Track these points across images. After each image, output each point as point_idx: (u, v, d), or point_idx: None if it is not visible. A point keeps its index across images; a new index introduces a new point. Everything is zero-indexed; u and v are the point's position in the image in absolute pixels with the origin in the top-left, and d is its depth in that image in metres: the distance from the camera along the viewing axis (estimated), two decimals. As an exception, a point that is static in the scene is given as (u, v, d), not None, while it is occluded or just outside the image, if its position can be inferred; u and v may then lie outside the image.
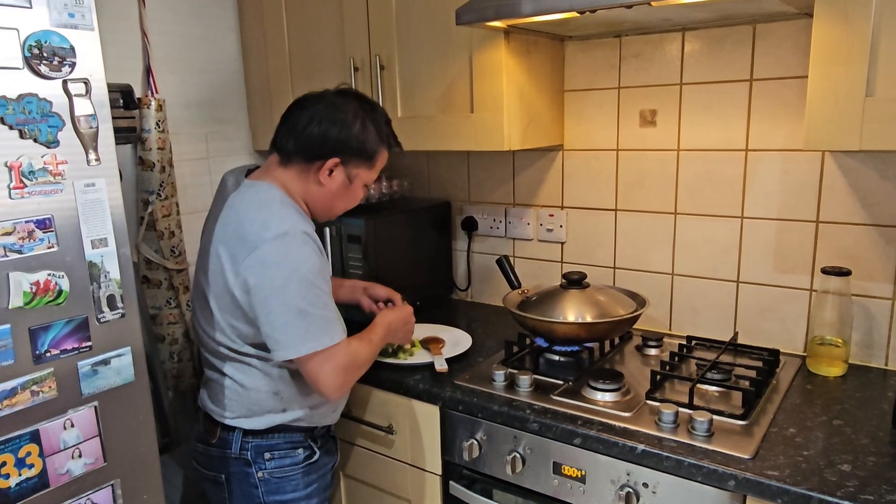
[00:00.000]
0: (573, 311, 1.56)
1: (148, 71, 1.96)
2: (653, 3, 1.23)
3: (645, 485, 1.22)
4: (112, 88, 1.81)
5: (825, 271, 1.46)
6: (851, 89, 1.17)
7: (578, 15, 1.34)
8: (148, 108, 1.90)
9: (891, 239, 1.46)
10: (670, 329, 1.80)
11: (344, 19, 1.86)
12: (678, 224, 1.74)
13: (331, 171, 1.32)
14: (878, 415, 1.29)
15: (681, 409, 1.29)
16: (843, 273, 1.45)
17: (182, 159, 2.08)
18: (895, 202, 1.45)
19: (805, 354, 1.56)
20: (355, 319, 1.57)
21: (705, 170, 1.67)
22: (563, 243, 1.95)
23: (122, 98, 1.86)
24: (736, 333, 1.66)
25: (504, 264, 1.75)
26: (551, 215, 1.95)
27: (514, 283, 1.75)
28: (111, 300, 1.07)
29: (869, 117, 1.16)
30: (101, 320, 1.06)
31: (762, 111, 1.57)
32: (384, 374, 1.58)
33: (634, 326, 1.74)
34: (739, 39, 1.57)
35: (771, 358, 1.51)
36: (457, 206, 2.15)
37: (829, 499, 1.03)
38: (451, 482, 1.50)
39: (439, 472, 1.53)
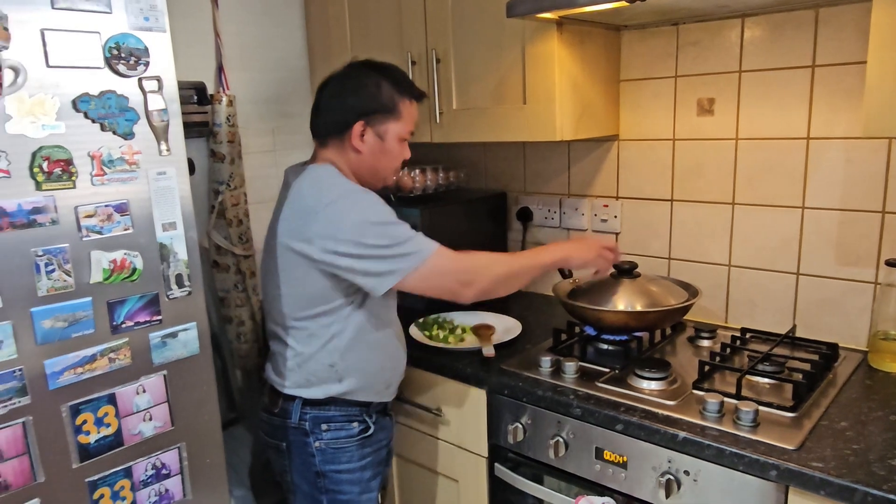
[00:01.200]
0: (623, 300, 1.56)
1: (220, 69, 2.08)
2: (702, -10, 1.22)
3: (686, 472, 1.22)
4: (186, 86, 1.96)
5: (890, 263, 1.41)
6: (913, 73, 1.13)
7: (628, 4, 1.35)
8: (219, 103, 2.02)
9: (963, 230, 1.39)
10: (726, 321, 1.77)
11: (402, 15, 1.92)
12: (736, 214, 1.70)
13: (362, 136, 1.39)
14: (940, 413, 1.24)
15: (727, 400, 1.28)
16: (908, 265, 1.39)
17: (250, 152, 2.20)
18: (968, 191, 1.37)
19: (867, 350, 1.50)
20: (416, 307, 1.62)
21: (765, 159, 1.63)
22: (617, 234, 1.95)
23: (196, 94, 2.00)
24: (794, 327, 1.61)
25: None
26: (606, 206, 1.94)
27: (565, 274, 1.76)
28: (179, 279, 1.17)
29: (931, 102, 1.12)
30: (170, 297, 1.17)
31: (824, 98, 1.52)
32: (434, 358, 1.64)
33: (689, 318, 1.73)
34: (801, 24, 1.52)
35: (828, 352, 1.47)
36: (512, 196, 2.18)
37: (874, 492, 1.01)
38: (496, 464, 1.54)
39: (485, 454, 1.57)
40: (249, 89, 2.19)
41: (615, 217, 1.93)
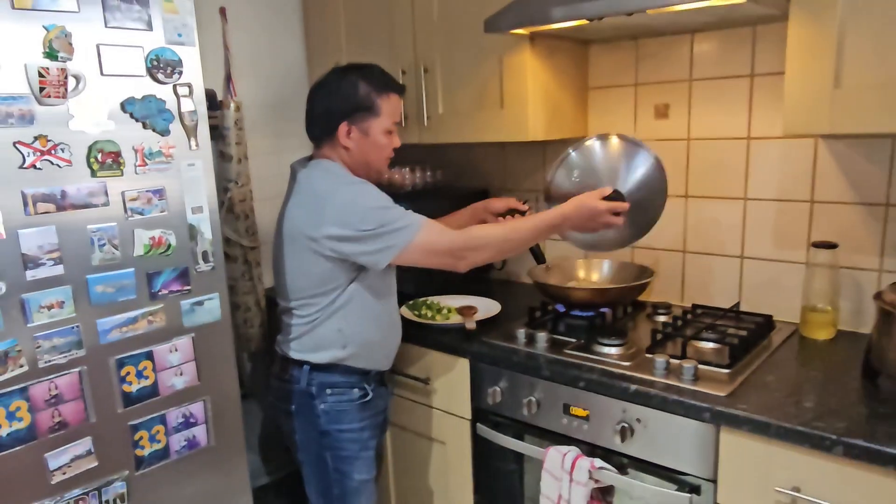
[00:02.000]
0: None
1: (228, 77, 2.29)
2: (648, 12, 1.45)
3: (638, 420, 1.44)
4: (200, 92, 2.16)
5: (815, 245, 1.64)
6: (821, 81, 1.36)
7: (588, 22, 1.57)
8: (228, 109, 2.23)
9: (877, 216, 1.62)
10: (682, 301, 1.99)
11: (393, 29, 2.14)
12: (689, 206, 1.93)
13: (348, 135, 1.56)
14: (853, 367, 1.45)
15: (672, 360, 1.50)
16: (830, 246, 1.61)
17: (256, 153, 2.40)
18: (880, 183, 1.60)
19: (800, 322, 1.72)
20: (406, 291, 1.81)
21: (713, 157, 1.86)
22: (587, 225, 2.16)
23: (208, 100, 2.20)
24: (738, 302, 1.84)
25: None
26: (577, 200, 2.16)
27: (540, 259, 1.98)
28: (205, 255, 1.38)
29: (836, 106, 1.34)
30: (198, 270, 1.37)
31: (762, 103, 1.75)
32: (423, 334, 1.85)
33: (649, 299, 1.94)
34: (741, 39, 1.76)
35: (764, 322, 1.69)
36: (493, 192, 2.39)
37: (785, 424, 1.22)
38: (478, 424, 1.75)
39: (469, 416, 1.78)
40: (255, 95, 2.40)
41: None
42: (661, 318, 1.84)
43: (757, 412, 1.27)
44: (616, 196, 1.59)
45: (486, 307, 1.98)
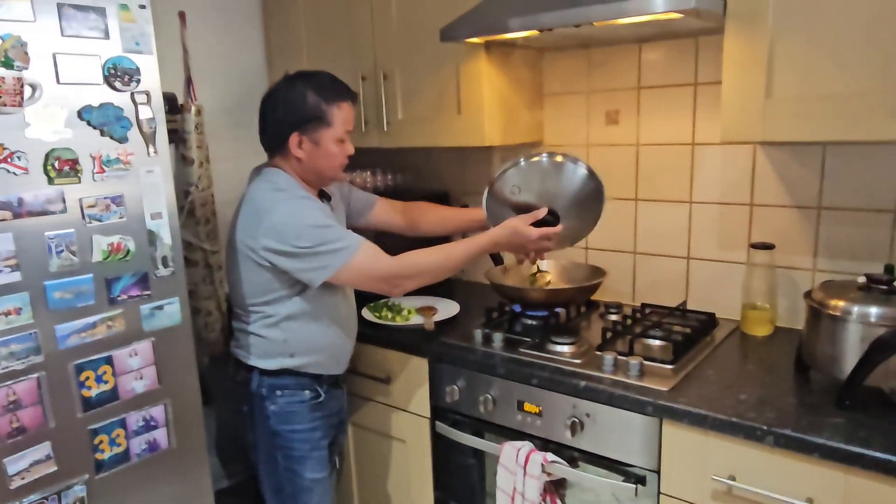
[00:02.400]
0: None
1: (188, 81, 2.30)
2: (595, 24, 1.52)
3: (587, 415, 1.51)
4: (159, 96, 2.17)
5: (753, 246, 1.73)
6: (754, 92, 1.44)
7: (539, 33, 1.63)
8: (188, 112, 2.23)
9: (810, 218, 1.72)
10: (634, 300, 2.07)
11: (353, 35, 2.18)
12: (639, 209, 2.01)
13: (300, 145, 1.55)
14: (788, 362, 1.54)
15: (620, 357, 1.57)
16: (767, 247, 1.71)
17: (217, 157, 2.41)
18: (813, 187, 1.70)
19: (741, 317, 1.82)
20: (367, 294, 1.85)
21: (660, 161, 1.95)
22: (543, 227, 2.23)
23: (168, 104, 2.20)
24: (684, 301, 1.92)
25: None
26: (533, 203, 2.23)
27: (498, 261, 2.04)
28: (164, 260, 1.40)
29: (768, 115, 1.43)
30: (158, 275, 1.39)
31: (705, 111, 1.84)
32: (383, 335, 1.89)
33: (603, 298, 2.02)
34: (685, 50, 1.84)
35: (707, 320, 1.77)
36: (454, 196, 2.44)
37: (721, 416, 1.30)
38: (437, 422, 1.80)
39: (428, 415, 1.83)
40: (216, 99, 2.41)
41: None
42: (613, 317, 1.91)
43: (695, 405, 1.35)
44: (551, 215, 1.65)
45: (446, 308, 2.03)
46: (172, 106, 2.21)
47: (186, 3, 2.29)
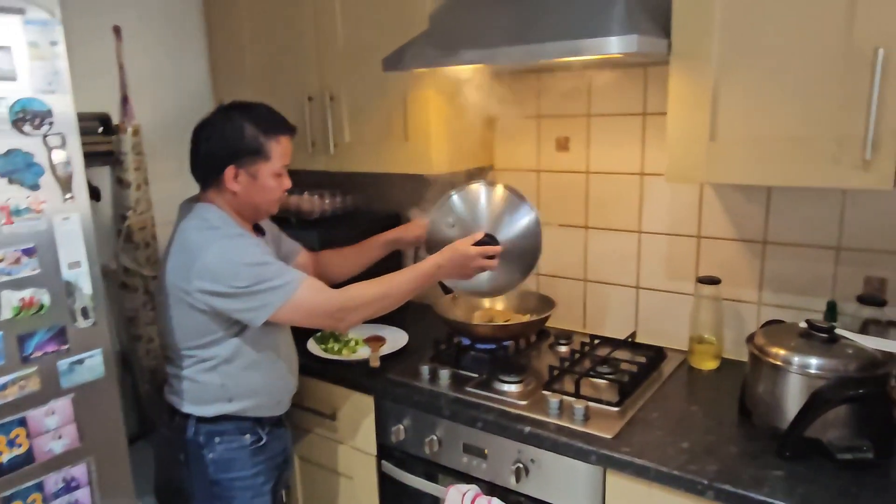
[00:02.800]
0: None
1: (124, 99, 2.19)
2: (534, 63, 1.48)
3: (532, 461, 1.48)
4: (90, 117, 2.07)
5: (700, 280, 1.72)
6: (698, 133, 1.42)
7: (470, 66, 1.59)
8: (125, 133, 2.13)
9: (755, 252, 1.71)
10: (584, 328, 2.05)
11: (298, 54, 2.10)
12: (589, 237, 1.99)
13: (236, 178, 1.50)
14: (732, 402, 1.54)
15: (566, 398, 1.54)
16: (713, 282, 1.70)
17: (158, 177, 2.30)
18: (759, 222, 1.69)
19: (688, 349, 1.81)
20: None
21: (610, 190, 1.92)
22: (495, 252, 2.19)
23: (101, 125, 2.10)
24: (634, 332, 1.91)
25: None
26: (485, 227, 2.19)
27: (446, 289, 2.00)
28: (84, 311, 1.32)
29: (711, 157, 1.41)
30: (77, 327, 1.31)
31: (654, 141, 1.82)
32: (329, 370, 1.83)
33: (553, 326, 1.99)
34: (634, 79, 1.81)
35: (655, 355, 1.76)
36: (405, 217, 2.38)
37: (663, 469, 1.29)
38: (383, 461, 1.76)
39: (374, 452, 1.78)
40: (156, 118, 2.30)
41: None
42: (562, 348, 1.89)
43: (638, 455, 1.33)
44: (489, 240, 1.62)
45: (394, 338, 1.98)
46: (107, 127, 2.12)
47: (122, 16, 2.18)
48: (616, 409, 1.52)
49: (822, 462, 1.26)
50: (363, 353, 1.91)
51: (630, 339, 1.87)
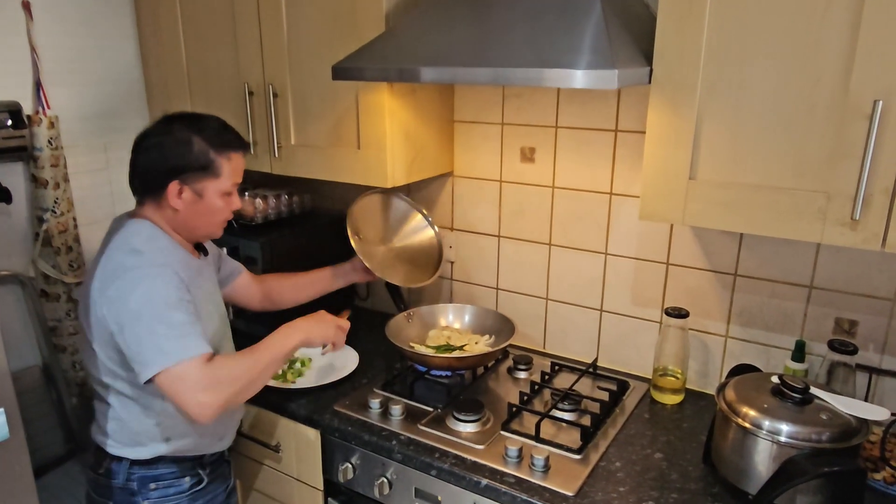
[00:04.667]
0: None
1: (38, 86, 1.94)
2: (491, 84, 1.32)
3: (488, 512, 1.40)
4: (-3, 108, 1.82)
5: (667, 313, 1.63)
6: (678, 171, 1.31)
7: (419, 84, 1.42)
8: (39, 125, 1.89)
9: (726, 284, 1.64)
10: (544, 347, 1.96)
11: (238, 43, 1.88)
12: (552, 254, 1.88)
13: (179, 194, 1.36)
14: (695, 447, 1.48)
15: (526, 442, 1.46)
16: (681, 315, 1.62)
17: (80, 171, 2.08)
18: (730, 254, 1.61)
19: (652, 379, 1.74)
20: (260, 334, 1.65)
21: (576, 207, 1.80)
22: (452, 263, 2.07)
23: (11, 117, 1.86)
24: (595, 359, 1.83)
25: (392, 287, 1.86)
26: (442, 236, 2.06)
27: (400, 307, 1.87)
28: (-19, 370, 1.14)
29: (691, 197, 1.30)
30: (-28, 389, 1.14)
31: (625, 159, 1.70)
32: (272, 398, 1.70)
33: (513, 343, 1.89)
34: (606, 92, 1.68)
35: (618, 390, 1.68)
36: (357, 219, 2.23)
37: (626, 538, 1.22)
38: (329, 499, 1.65)
39: (321, 487, 1.68)
40: (75, 104, 2.06)
41: (450, 247, 2.05)
42: (522, 375, 1.80)
43: (601, 519, 1.26)
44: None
45: (345, 359, 1.85)
46: (17, 119, 1.87)
47: (33, -10, 1.91)
48: (577, 456, 1.44)
49: (790, 531, 1.21)
50: (309, 376, 1.79)
51: (592, 369, 1.79)
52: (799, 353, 1.54)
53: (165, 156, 1.35)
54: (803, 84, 1.16)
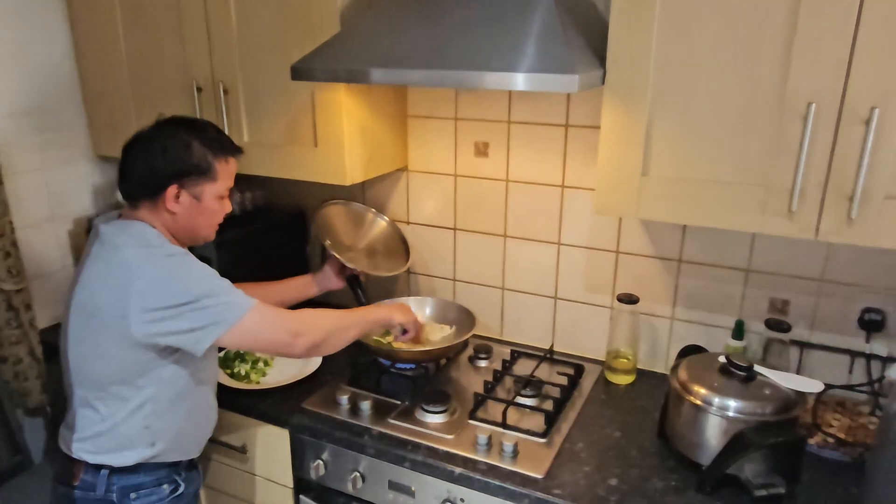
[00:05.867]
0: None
1: (-35, 84, 1.82)
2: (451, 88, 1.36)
3: (462, 500, 1.45)
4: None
5: (619, 299, 1.73)
6: (631, 168, 1.38)
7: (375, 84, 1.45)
8: (-32, 126, 1.79)
9: (671, 270, 1.74)
10: (502, 335, 2.03)
11: (184, 37, 1.82)
12: (507, 245, 1.94)
13: (177, 198, 1.38)
14: (649, 424, 1.58)
15: (494, 430, 1.52)
16: (633, 301, 1.72)
17: (14, 172, 1.98)
18: (675, 241, 1.72)
19: (605, 361, 1.84)
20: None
21: (530, 200, 1.87)
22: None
23: (-63, 118, 1.74)
24: (552, 345, 1.91)
25: (354, 283, 1.87)
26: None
27: (361, 301, 1.89)
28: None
29: (643, 193, 1.38)
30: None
31: (576, 154, 1.77)
32: (238, 399, 1.69)
33: (472, 331, 1.94)
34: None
35: (575, 374, 1.77)
36: (311, 214, 2.22)
37: (594, 514, 1.31)
38: (301, 496, 1.67)
39: (291, 485, 1.69)
40: (4, 102, 1.95)
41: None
42: (483, 364, 1.86)
43: (571, 498, 1.34)
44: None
45: (307, 358, 1.86)
46: (-56, 120, 1.76)
47: (-47, -21, 1.79)
48: (543, 439, 1.51)
49: (740, 496, 1.33)
50: (273, 375, 1.79)
51: (549, 354, 1.87)
52: (738, 331, 1.66)
53: (165, 160, 1.36)
54: (745, 87, 1.25)
